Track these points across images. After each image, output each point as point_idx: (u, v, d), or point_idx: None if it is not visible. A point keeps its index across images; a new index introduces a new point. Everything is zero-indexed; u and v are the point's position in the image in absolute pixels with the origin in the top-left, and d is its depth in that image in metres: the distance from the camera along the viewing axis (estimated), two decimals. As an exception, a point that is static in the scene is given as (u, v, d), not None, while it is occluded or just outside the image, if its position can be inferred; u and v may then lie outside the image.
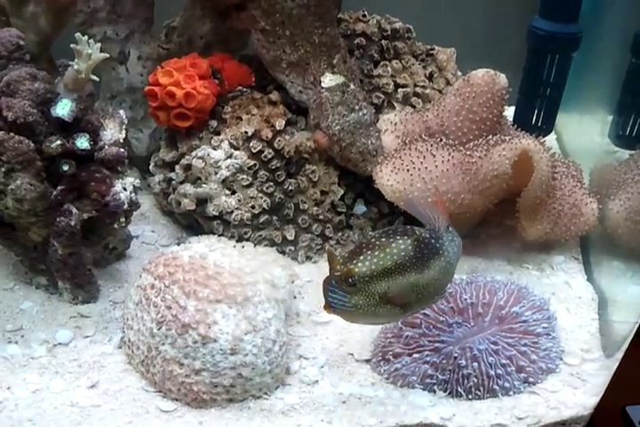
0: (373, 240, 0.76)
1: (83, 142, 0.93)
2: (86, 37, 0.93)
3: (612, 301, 1.02)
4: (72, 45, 0.92)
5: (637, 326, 0.85)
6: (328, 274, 0.75)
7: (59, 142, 0.91)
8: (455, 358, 0.87)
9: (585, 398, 0.87)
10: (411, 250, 0.75)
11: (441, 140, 1.06)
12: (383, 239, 0.76)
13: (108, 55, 0.95)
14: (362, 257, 0.74)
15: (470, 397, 0.86)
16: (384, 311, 0.76)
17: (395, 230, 0.77)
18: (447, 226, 0.79)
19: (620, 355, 0.86)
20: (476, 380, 0.86)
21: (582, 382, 0.89)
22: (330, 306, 0.75)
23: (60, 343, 0.93)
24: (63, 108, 0.92)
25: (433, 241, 0.77)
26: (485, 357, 0.86)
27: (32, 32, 1.06)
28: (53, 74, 0.98)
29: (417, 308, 0.79)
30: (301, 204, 1.09)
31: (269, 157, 1.07)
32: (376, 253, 0.74)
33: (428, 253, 0.76)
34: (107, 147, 0.96)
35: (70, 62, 0.94)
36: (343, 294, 0.74)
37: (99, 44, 0.94)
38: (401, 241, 0.75)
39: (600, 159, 1.23)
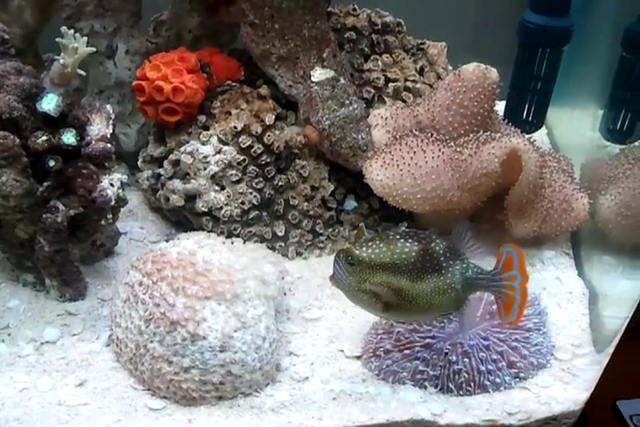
0: (390, 235, 0.77)
1: (69, 138, 0.92)
2: (72, 31, 0.92)
3: (602, 296, 1.02)
4: (58, 39, 0.91)
5: (628, 320, 0.85)
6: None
7: (45, 138, 0.90)
8: (446, 353, 0.86)
9: (576, 394, 0.87)
10: (413, 256, 0.76)
11: (432, 135, 1.05)
12: (397, 237, 0.77)
13: (94, 49, 0.94)
14: (370, 243, 0.77)
15: (461, 392, 0.86)
16: (367, 301, 0.78)
17: (415, 234, 0.78)
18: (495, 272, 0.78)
19: (610, 350, 0.86)
20: (466, 375, 0.86)
21: (573, 377, 0.89)
22: (333, 276, 0.79)
23: (47, 341, 0.92)
24: (49, 103, 0.91)
25: (442, 258, 0.77)
26: (476, 352, 0.86)
27: (17, 26, 1.05)
28: (39, 68, 0.97)
29: (401, 316, 0.80)
30: (291, 199, 1.08)
31: (259, 152, 1.06)
32: (381, 245, 0.76)
33: (428, 267, 0.77)
34: (93, 142, 0.95)
35: (56, 57, 0.93)
36: (344, 270, 0.77)
37: (85, 38, 0.93)
38: (408, 244, 0.76)
39: (591, 154, 1.23)
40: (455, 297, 0.78)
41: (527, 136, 1.08)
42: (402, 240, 0.77)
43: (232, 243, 1.02)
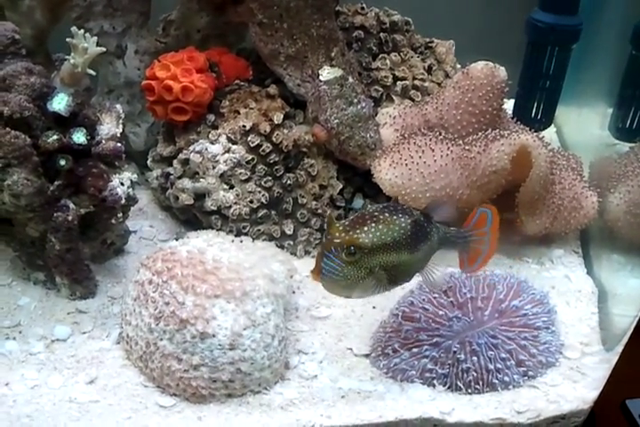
0: (377, 214, 0.77)
1: (79, 137, 0.92)
2: (82, 31, 0.92)
3: (611, 294, 1.01)
4: (68, 39, 0.92)
5: (637, 319, 0.84)
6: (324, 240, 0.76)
7: (55, 137, 0.90)
8: (454, 352, 0.86)
9: (585, 392, 0.86)
10: (409, 230, 0.77)
11: (440, 133, 1.05)
12: (387, 215, 0.77)
13: (104, 49, 0.95)
14: (366, 228, 0.75)
15: (470, 391, 0.86)
16: (368, 285, 0.77)
17: (395, 208, 0.78)
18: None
19: (619, 348, 0.86)
20: (475, 374, 0.86)
21: (582, 375, 0.89)
22: (319, 273, 0.75)
23: (58, 339, 0.92)
24: (60, 103, 0.92)
25: (425, 225, 0.79)
26: (485, 351, 0.86)
27: (28, 26, 1.06)
28: (50, 68, 0.98)
29: (394, 286, 0.81)
30: (300, 198, 1.08)
31: (267, 151, 1.06)
32: (380, 226, 0.76)
33: (421, 236, 0.79)
34: (104, 141, 0.96)
35: (67, 56, 0.94)
36: (339, 262, 0.74)
37: (95, 38, 0.93)
38: (403, 219, 0.77)
39: (600, 152, 1.23)
40: (431, 255, 0.82)
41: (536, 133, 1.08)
42: (395, 217, 0.77)
43: (241, 241, 1.03)
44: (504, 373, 0.86)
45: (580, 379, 0.88)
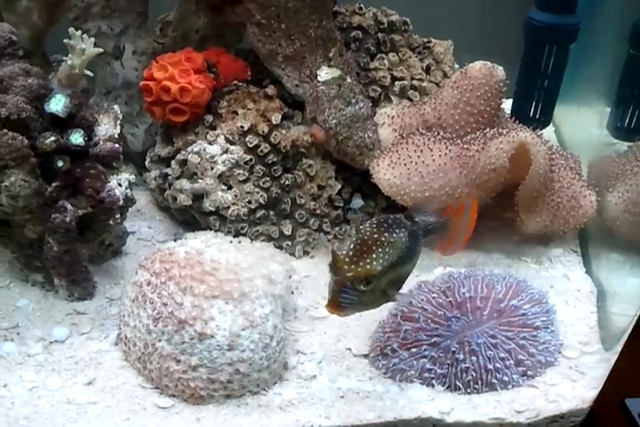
0: (377, 236, 0.75)
1: (77, 138, 0.92)
2: (80, 32, 0.92)
3: (610, 293, 1.01)
4: (65, 40, 0.92)
5: (636, 318, 0.84)
6: (332, 274, 0.74)
7: (53, 138, 0.90)
8: (453, 352, 0.86)
9: (584, 392, 0.86)
10: (406, 242, 0.77)
11: (438, 133, 1.05)
12: (387, 234, 0.75)
13: (101, 50, 0.95)
14: (374, 255, 0.74)
15: (469, 391, 0.86)
16: (380, 302, 0.78)
17: (388, 223, 0.77)
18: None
19: (619, 348, 0.86)
20: (474, 374, 0.86)
21: (581, 375, 0.89)
22: (338, 306, 0.74)
23: (56, 341, 0.92)
24: (57, 104, 0.92)
25: (415, 229, 0.80)
26: (484, 350, 0.86)
27: (25, 27, 1.05)
28: (47, 69, 0.98)
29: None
30: (298, 198, 1.08)
31: (266, 151, 1.06)
32: (386, 249, 0.75)
33: (415, 243, 0.79)
34: (101, 142, 0.96)
35: (64, 58, 0.94)
36: (356, 293, 0.74)
37: (92, 39, 0.93)
38: (401, 235, 0.77)
39: (598, 151, 1.23)
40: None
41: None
42: (395, 235, 0.76)
43: (239, 242, 1.03)
44: (503, 372, 0.86)
45: (579, 378, 0.88)
